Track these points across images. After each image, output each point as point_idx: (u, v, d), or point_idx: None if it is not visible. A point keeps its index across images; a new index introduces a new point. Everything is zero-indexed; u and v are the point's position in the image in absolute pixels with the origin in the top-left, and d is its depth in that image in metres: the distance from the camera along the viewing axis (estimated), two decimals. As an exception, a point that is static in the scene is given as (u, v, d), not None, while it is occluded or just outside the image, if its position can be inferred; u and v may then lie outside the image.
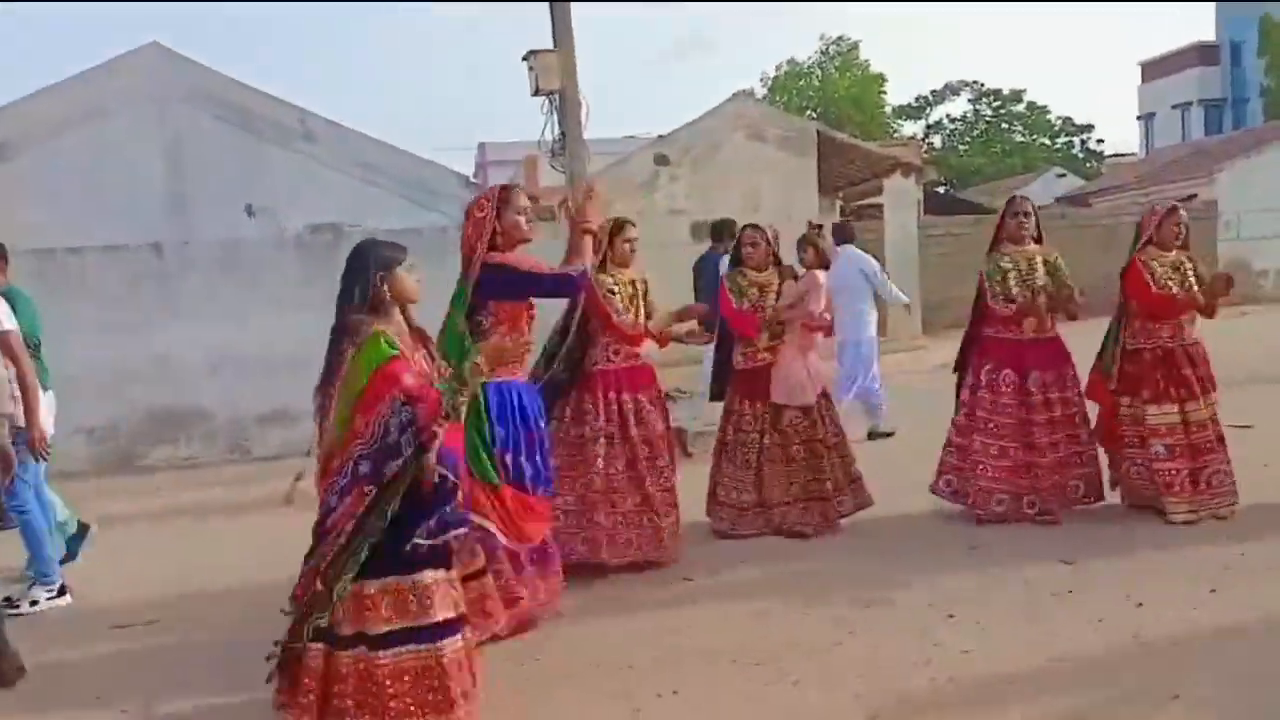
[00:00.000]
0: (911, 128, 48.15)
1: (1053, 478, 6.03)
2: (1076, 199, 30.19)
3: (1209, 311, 5.97)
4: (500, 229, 4.59)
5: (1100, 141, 48.48)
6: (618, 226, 5.81)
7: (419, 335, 3.80)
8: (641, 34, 77.92)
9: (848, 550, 5.85)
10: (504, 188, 4.74)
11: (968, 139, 48.77)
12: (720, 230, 9.94)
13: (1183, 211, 6.13)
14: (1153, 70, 42.21)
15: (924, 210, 21.60)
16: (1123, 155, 43.46)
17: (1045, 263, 6.18)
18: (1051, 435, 6.02)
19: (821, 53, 46.66)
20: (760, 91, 44.96)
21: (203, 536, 7.49)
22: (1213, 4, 39.70)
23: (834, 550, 5.87)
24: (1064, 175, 38.91)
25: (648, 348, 5.86)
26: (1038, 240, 6.29)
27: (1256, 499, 6.07)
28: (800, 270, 6.46)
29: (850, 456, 6.38)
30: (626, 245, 5.83)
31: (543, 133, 11.03)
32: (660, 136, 17.69)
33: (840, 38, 46.73)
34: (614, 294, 5.70)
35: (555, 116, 10.87)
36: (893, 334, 15.31)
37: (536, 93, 10.73)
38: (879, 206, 19.47)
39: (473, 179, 32.27)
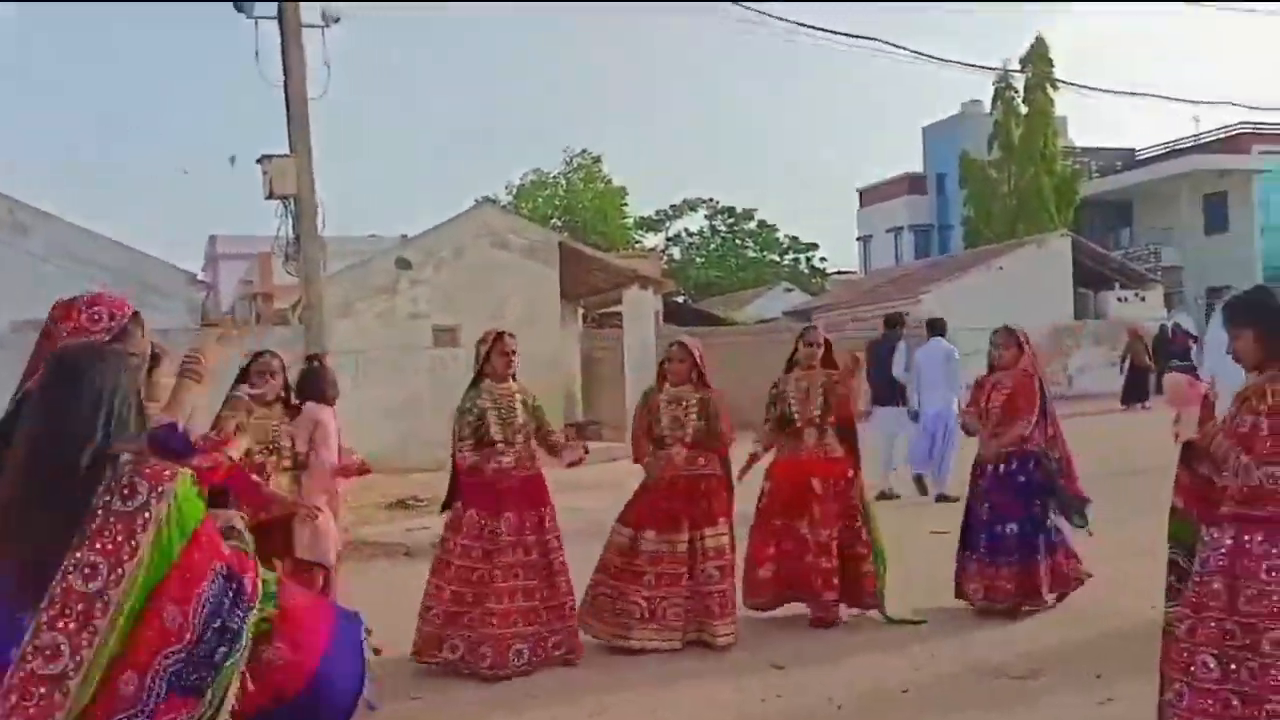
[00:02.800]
0: (652, 239, 50.00)
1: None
2: (802, 314, 32.02)
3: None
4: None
5: (824, 260, 51.85)
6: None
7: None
8: (390, 138, 77.68)
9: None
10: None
11: (704, 252, 51.05)
12: (894, 320, 11.57)
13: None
14: (869, 196, 45.72)
15: (663, 320, 22.30)
16: (845, 273, 46.61)
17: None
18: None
19: (566, 164, 47.92)
20: (505, 199, 45.57)
21: None
22: (919, 138, 43.66)
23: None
24: (791, 290, 41.27)
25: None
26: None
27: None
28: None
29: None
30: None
31: (277, 234, 10.70)
32: (404, 237, 17.54)
33: (584, 151, 48.18)
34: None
35: (289, 220, 10.59)
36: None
37: (270, 196, 10.43)
38: (619, 315, 19.96)
39: (201, 273, 30.77)
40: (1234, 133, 35.67)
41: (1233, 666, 3.31)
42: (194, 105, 76.76)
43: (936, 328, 11.32)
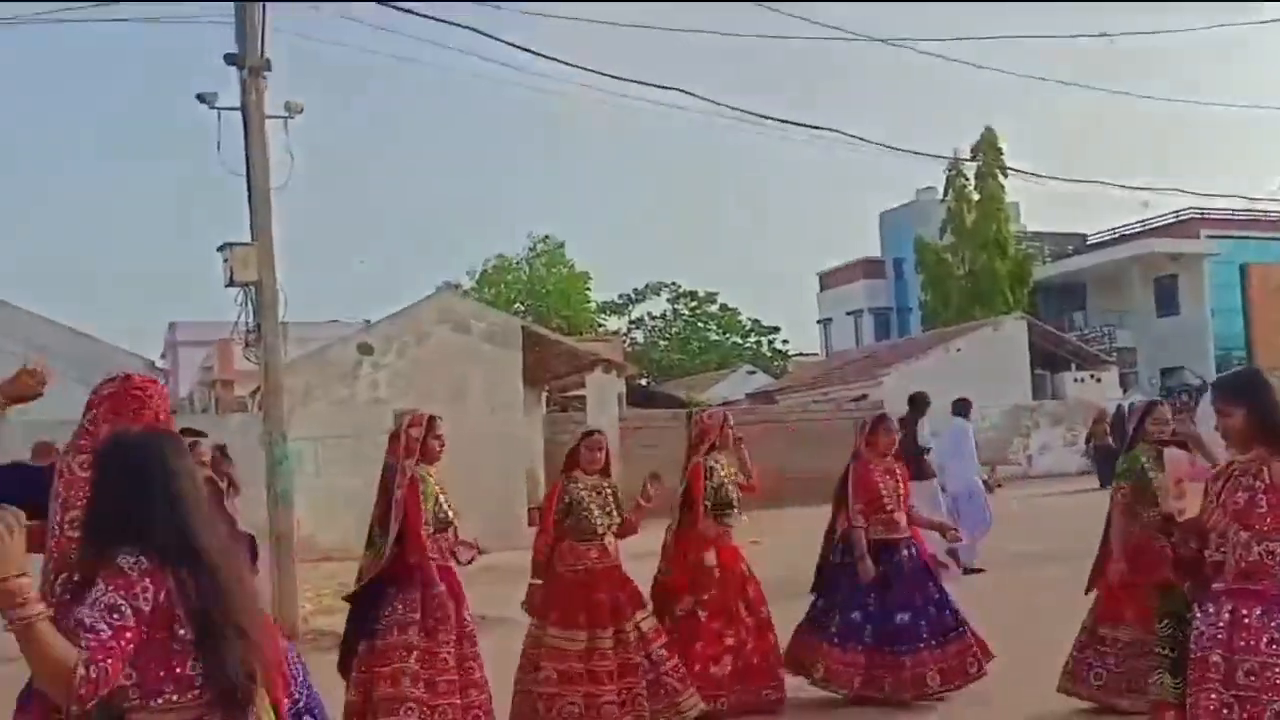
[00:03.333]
0: (615, 323, 50.25)
1: None
2: (765, 395, 32.20)
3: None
4: None
5: (786, 342, 52.24)
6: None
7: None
8: (353, 225, 78.04)
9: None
10: None
11: (667, 336, 51.35)
12: (917, 399, 11.61)
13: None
14: (829, 280, 46.38)
15: (626, 403, 22.37)
16: (806, 355, 47.01)
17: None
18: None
19: (529, 249, 48.26)
20: (468, 283, 45.77)
21: None
22: (876, 224, 44.49)
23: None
24: (754, 373, 41.54)
25: None
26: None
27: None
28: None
29: None
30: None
31: (237, 321, 10.67)
32: (366, 323, 17.55)
33: (547, 237, 48.59)
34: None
35: (250, 308, 10.57)
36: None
37: (231, 283, 10.41)
38: (583, 399, 20.02)
39: (160, 359, 30.58)
40: (1184, 218, 36.61)
41: None
42: (156, 194, 76.89)
43: (959, 408, 11.98)
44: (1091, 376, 28.09)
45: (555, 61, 15.86)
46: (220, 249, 10.61)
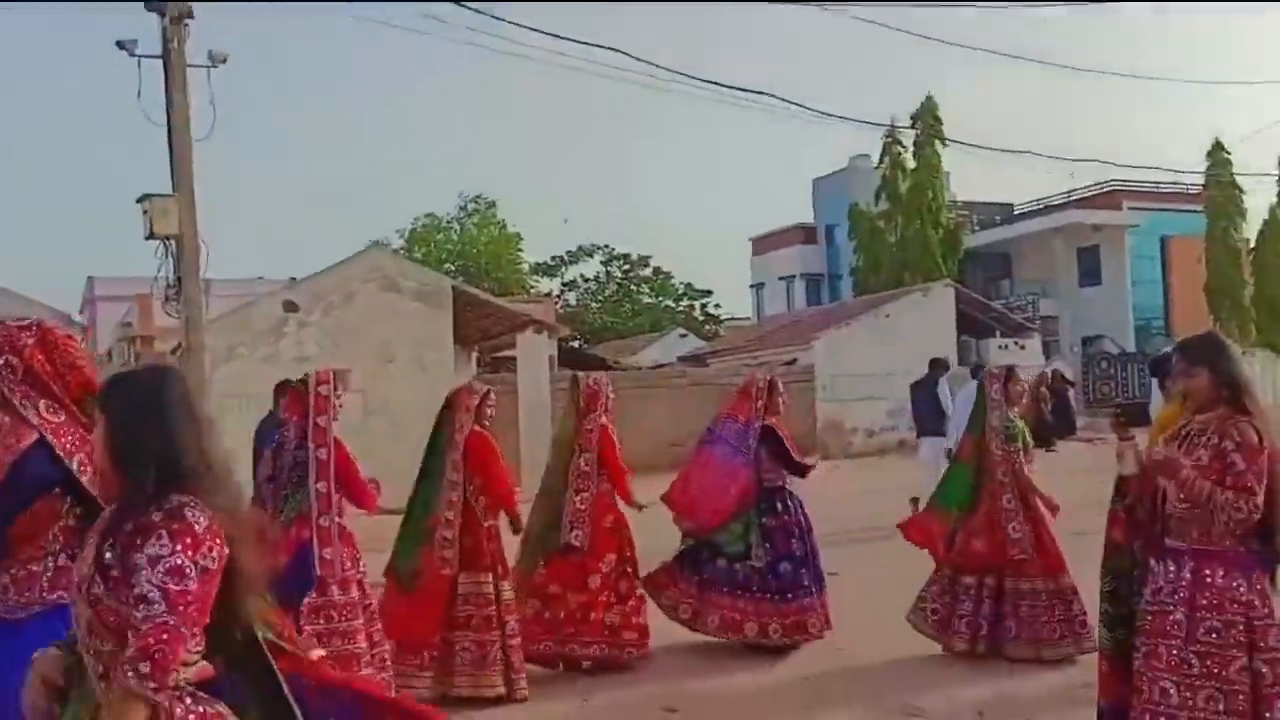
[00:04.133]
0: (547, 285, 50.01)
1: None
2: (697, 359, 32.28)
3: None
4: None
5: (718, 306, 52.44)
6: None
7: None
8: (279, 181, 76.53)
9: None
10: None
11: (599, 298, 51.22)
12: (937, 362, 12.81)
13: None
14: (761, 245, 46.50)
15: (557, 364, 22.26)
16: (738, 319, 47.21)
17: None
18: None
19: (460, 209, 47.71)
20: (398, 243, 45.14)
21: None
22: (809, 189, 44.64)
23: None
24: (686, 336, 41.61)
25: None
26: None
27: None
28: None
29: None
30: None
31: (157, 275, 10.40)
32: (291, 280, 17.22)
33: (478, 196, 48.08)
34: None
35: (171, 261, 10.31)
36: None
37: (151, 236, 10.15)
38: (514, 359, 19.87)
39: (78, 316, 29.77)
40: (1107, 189, 37.31)
41: (1188, 694, 3.49)
42: (75, 144, 74.51)
43: (977, 371, 12.30)
44: (1016, 343, 28.55)
45: (488, 18, 15.61)
46: (140, 200, 10.33)
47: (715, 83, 15.72)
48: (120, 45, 10.46)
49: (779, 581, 6.58)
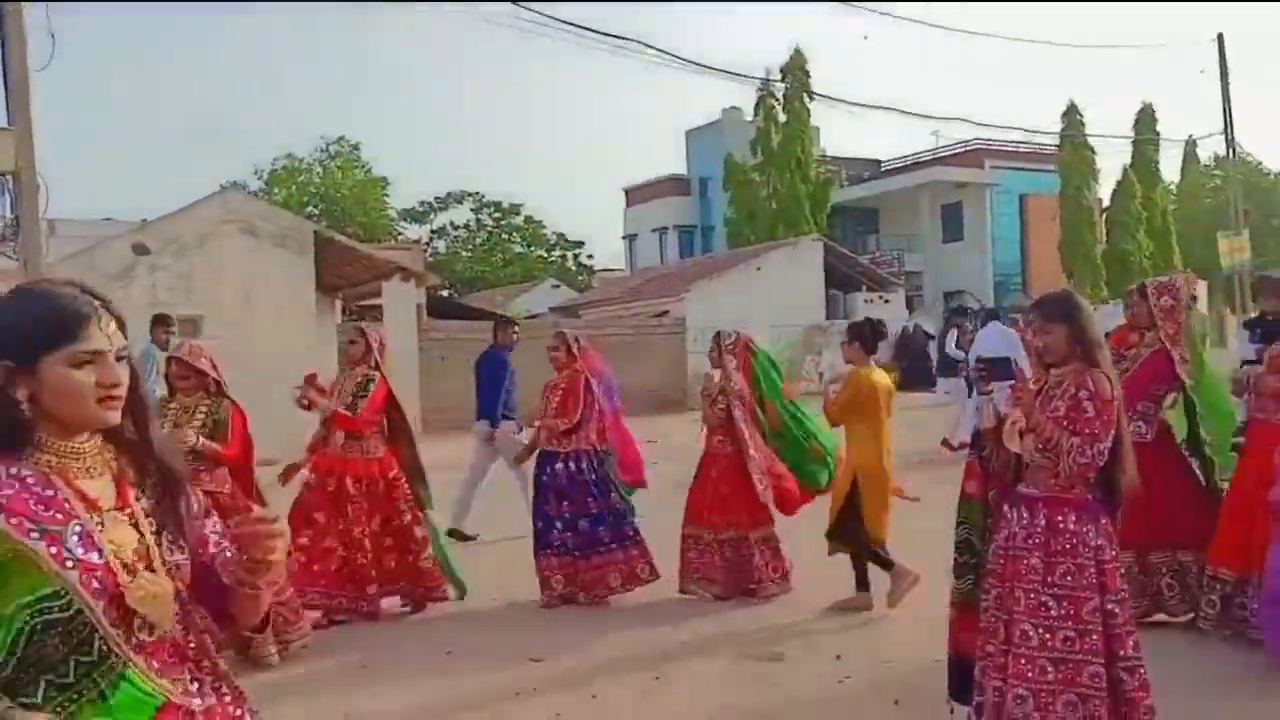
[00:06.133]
0: (415, 232, 48.98)
1: None
2: (569, 310, 32.11)
3: None
4: None
5: (591, 257, 52.28)
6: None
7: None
8: (127, 119, 72.89)
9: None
10: None
11: (470, 247, 50.47)
12: (957, 309, 14.98)
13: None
14: (635, 196, 46.41)
15: (427, 313, 21.83)
16: (611, 270, 47.12)
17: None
18: None
19: (322, 151, 46.24)
20: (256, 184, 43.53)
21: None
22: (682, 142, 44.61)
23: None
24: (559, 286, 41.38)
25: None
26: None
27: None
28: None
29: None
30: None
31: (-9, 214, 9.76)
32: (142, 222, 16.41)
33: (341, 138, 46.67)
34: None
35: (8, 199, 9.68)
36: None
37: (-16, 171, 9.49)
38: (380, 308, 19.40)
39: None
40: (971, 148, 38.29)
41: (1047, 635, 3.59)
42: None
43: (993, 312, 14.44)
44: (881, 298, 29.21)
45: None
46: (-30, 133, 9.64)
47: (587, 28, 15.46)
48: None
49: (579, 538, 6.71)
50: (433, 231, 50.41)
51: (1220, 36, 25.08)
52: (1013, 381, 3.84)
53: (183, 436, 5.19)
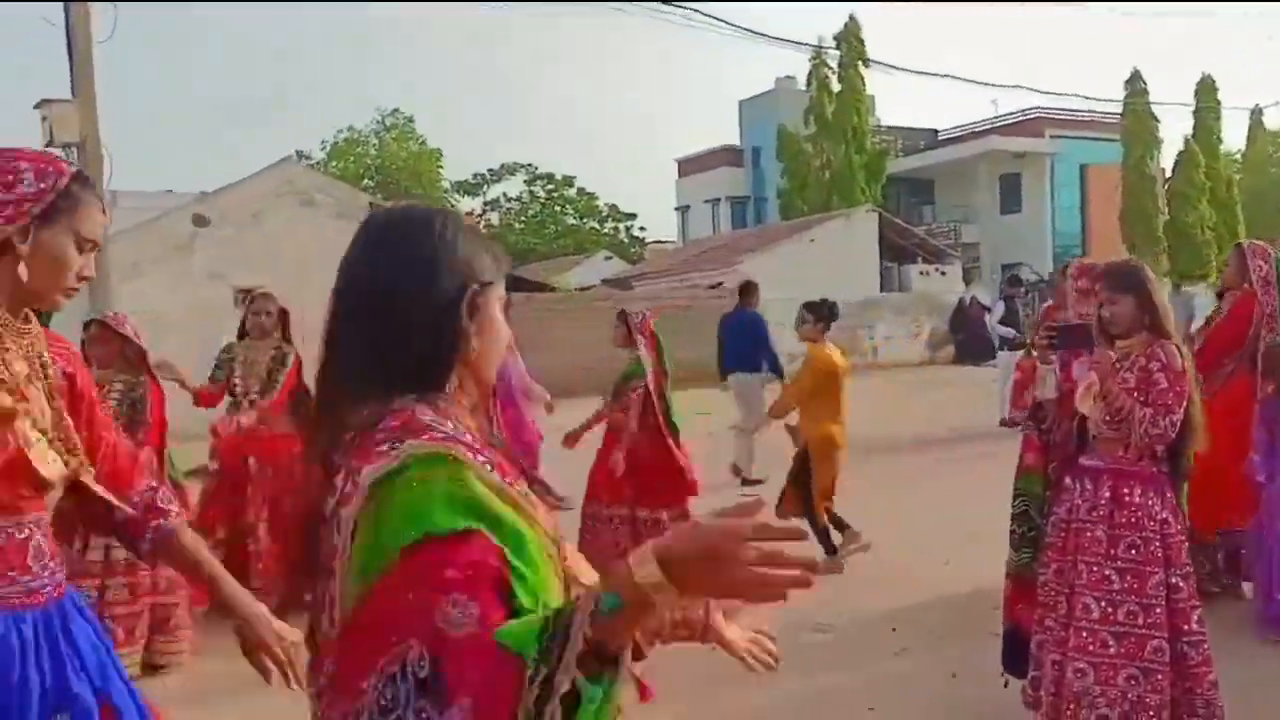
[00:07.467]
0: (469, 203, 49.20)
1: None
2: (621, 282, 32.11)
3: None
4: None
5: (643, 229, 52.10)
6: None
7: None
8: (191, 93, 73.72)
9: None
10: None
11: (523, 218, 50.57)
12: (1014, 280, 14.86)
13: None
14: (687, 167, 46.17)
15: (480, 285, 21.94)
16: (663, 242, 47.00)
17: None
18: None
19: (378, 123, 46.56)
20: (319, 156, 44.00)
21: None
22: (735, 112, 44.31)
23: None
24: (611, 258, 41.36)
25: None
26: None
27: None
28: None
29: None
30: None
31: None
32: (202, 194, 16.64)
33: (396, 110, 46.94)
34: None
35: (72, 170, 9.85)
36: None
37: (50, 144, 9.67)
38: (434, 280, 19.54)
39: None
40: (1030, 117, 37.58)
41: (1109, 609, 3.55)
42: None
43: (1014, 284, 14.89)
44: (937, 270, 28.88)
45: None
46: (38, 106, 9.85)
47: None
48: (12, -60, 9.86)
49: None
50: (486, 203, 50.59)
51: (1292, 0, 24.37)
52: (1085, 353, 3.77)
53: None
